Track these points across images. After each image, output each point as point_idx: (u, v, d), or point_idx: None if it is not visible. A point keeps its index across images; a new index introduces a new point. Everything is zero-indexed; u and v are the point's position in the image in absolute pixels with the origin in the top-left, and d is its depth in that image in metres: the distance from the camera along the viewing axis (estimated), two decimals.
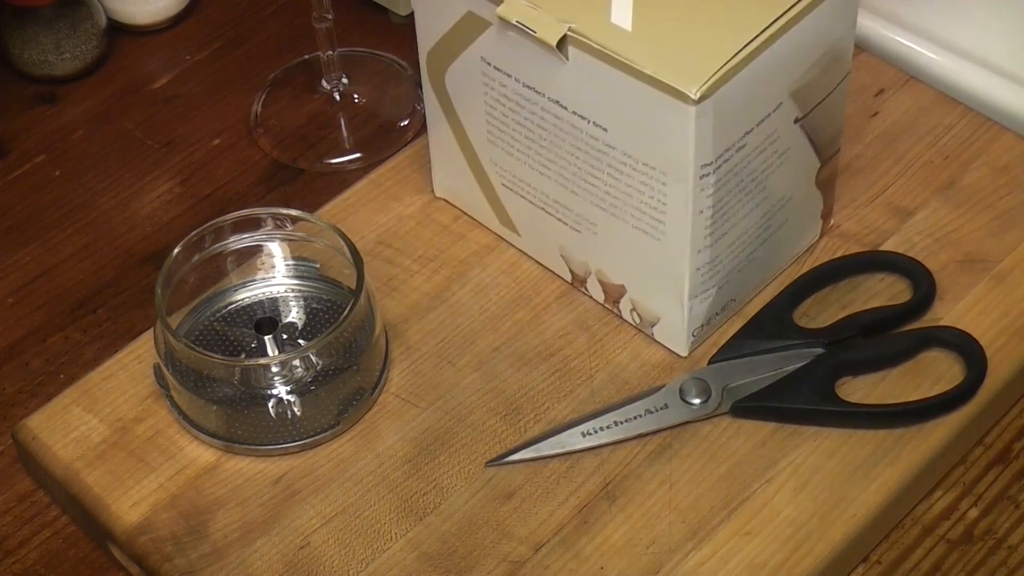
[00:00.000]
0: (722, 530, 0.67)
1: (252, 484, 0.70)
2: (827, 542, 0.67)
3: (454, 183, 0.79)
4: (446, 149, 0.78)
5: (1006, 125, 0.84)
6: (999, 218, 0.80)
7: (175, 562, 0.67)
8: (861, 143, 0.84)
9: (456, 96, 0.75)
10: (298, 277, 0.77)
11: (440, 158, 0.79)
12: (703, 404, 0.71)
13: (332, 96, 0.92)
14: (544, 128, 0.70)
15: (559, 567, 0.67)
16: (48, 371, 0.79)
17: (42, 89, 0.94)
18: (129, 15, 0.96)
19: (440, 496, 0.69)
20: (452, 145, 0.77)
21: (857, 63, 0.88)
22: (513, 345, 0.75)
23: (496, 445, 0.71)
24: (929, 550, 0.69)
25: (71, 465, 0.71)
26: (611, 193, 0.70)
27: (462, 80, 0.73)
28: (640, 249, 0.70)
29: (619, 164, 0.68)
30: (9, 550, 0.72)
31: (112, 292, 0.83)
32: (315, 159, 0.89)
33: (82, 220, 0.87)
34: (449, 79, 0.74)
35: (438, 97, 0.76)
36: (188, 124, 0.92)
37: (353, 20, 0.96)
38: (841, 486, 0.69)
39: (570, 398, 0.73)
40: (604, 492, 0.69)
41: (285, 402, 0.71)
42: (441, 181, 0.80)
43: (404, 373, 0.74)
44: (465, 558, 0.67)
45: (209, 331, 0.75)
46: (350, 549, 0.68)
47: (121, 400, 0.74)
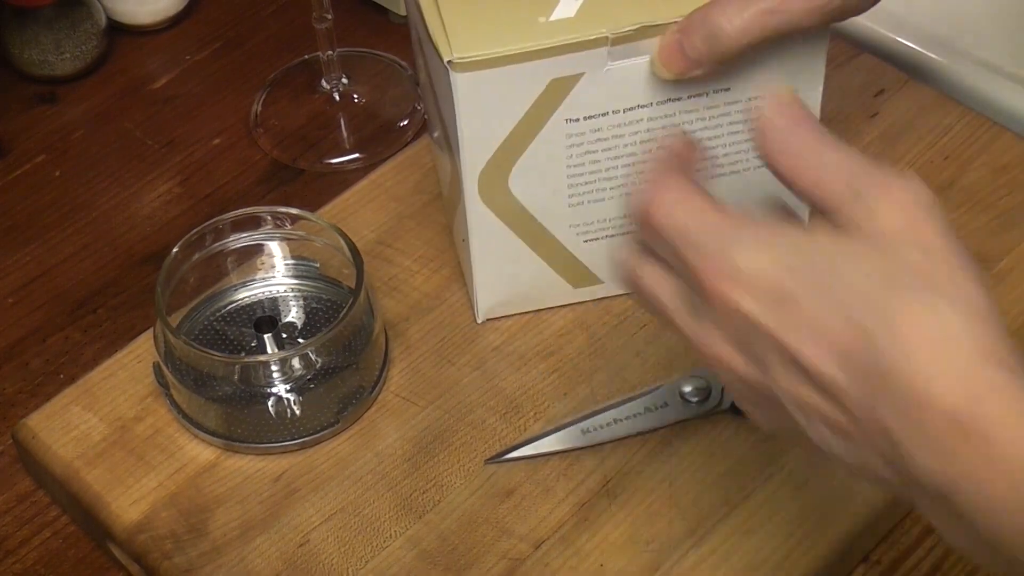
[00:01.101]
0: (722, 528, 0.67)
1: (252, 482, 0.70)
2: (826, 540, 0.67)
3: (508, 293, 0.75)
4: (498, 264, 0.74)
5: (1006, 125, 0.84)
6: (999, 218, 0.80)
7: (175, 560, 0.67)
8: (861, 143, 0.84)
9: (525, 192, 0.71)
10: (298, 276, 0.77)
11: (488, 279, 0.74)
12: (703, 402, 0.71)
13: (332, 96, 0.92)
14: (647, 141, 0.70)
15: (559, 564, 0.67)
16: (48, 371, 0.79)
17: (42, 89, 0.94)
18: (129, 15, 0.96)
19: (440, 494, 0.69)
20: (511, 251, 0.73)
21: (857, 63, 0.88)
22: (513, 344, 0.75)
23: (496, 443, 0.71)
24: (929, 550, 0.69)
25: (71, 464, 0.71)
26: (733, 150, 0.71)
27: (533, 168, 0.70)
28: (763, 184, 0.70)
29: (741, 115, 0.69)
30: (9, 550, 0.72)
31: (112, 292, 0.83)
32: (315, 159, 0.89)
33: (82, 220, 0.87)
34: (514, 181, 0.71)
35: (497, 212, 0.72)
36: (188, 124, 0.92)
37: (353, 20, 0.96)
38: (840, 484, 0.68)
39: (570, 396, 0.73)
40: (604, 490, 0.69)
41: (285, 400, 0.71)
42: (488, 302, 0.75)
43: (404, 372, 0.74)
44: (465, 555, 0.67)
45: (209, 330, 0.75)
46: (349, 547, 0.68)
47: (121, 399, 0.74)
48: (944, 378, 0.47)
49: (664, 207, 0.53)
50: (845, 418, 0.49)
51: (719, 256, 0.51)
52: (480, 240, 0.72)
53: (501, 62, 0.64)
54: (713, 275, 0.51)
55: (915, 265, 0.49)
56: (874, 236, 0.50)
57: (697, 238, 0.52)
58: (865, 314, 0.48)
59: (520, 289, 0.75)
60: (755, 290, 0.50)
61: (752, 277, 0.50)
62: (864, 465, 0.50)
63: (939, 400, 0.47)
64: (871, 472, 0.50)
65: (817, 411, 0.50)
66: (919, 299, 0.48)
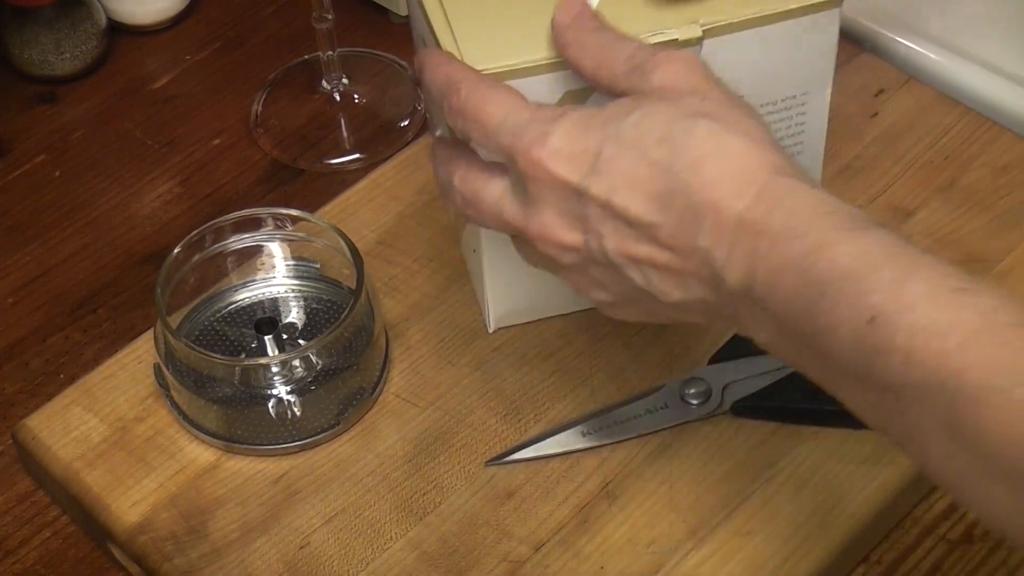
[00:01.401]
0: (722, 530, 0.67)
1: (252, 484, 0.70)
2: (827, 542, 0.67)
3: (519, 302, 0.75)
4: (510, 274, 0.73)
5: (1006, 125, 0.84)
6: (999, 218, 0.80)
7: (175, 562, 0.67)
8: (861, 143, 0.84)
9: None
10: (298, 277, 0.77)
11: (500, 289, 0.74)
12: (703, 404, 0.71)
13: (332, 96, 0.92)
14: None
15: (559, 567, 0.67)
16: (48, 371, 0.79)
17: (42, 89, 0.94)
18: (129, 15, 0.96)
19: (440, 496, 0.69)
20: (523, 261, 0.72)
21: (857, 63, 0.88)
22: (514, 345, 0.75)
23: (496, 445, 0.71)
24: (929, 550, 0.69)
25: (71, 465, 0.71)
26: None
27: None
28: None
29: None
30: (9, 550, 0.72)
31: (112, 292, 0.83)
32: (315, 159, 0.89)
33: (82, 220, 0.87)
34: None
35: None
36: (188, 124, 0.92)
37: (353, 20, 0.96)
38: (841, 486, 0.69)
39: (570, 398, 0.73)
40: (604, 492, 0.69)
41: (285, 402, 0.71)
42: (500, 311, 0.75)
43: (404, 373, 0.74)
44: (465, 557, 0.67)
45: (209, 331, 0.75)
46: (350, 549, 0.68)
47: (121, 400, 0.74)
48: (730, 185, 0.54)
49: (489, 104, 0.60)
50: (667, 254, 0.56)
51: (536, 138, 0.58)
52: (492, 250, 0.72)
53: (514, 74, 0.64)
54: (532, 153, 0.58)
55: (697, 106, 0.57)
56: (657, 92, 0.58)
57: (515, 127, 0.59)
58: (663, 152, 0.56)
59: (531, 298, 0.75)
60: (570, 160, 0.57)
61: (565, 150, 0.57)
62: (695, 299, 0.57)
63: (729, 205, 0.54)
64: (700, 304, 0.57)
65: (647, 259, 0.57)
66: (704, 128, 0.56)
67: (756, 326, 0.55)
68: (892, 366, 0.49)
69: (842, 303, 0.51)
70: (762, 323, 0.55)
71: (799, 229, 0.53)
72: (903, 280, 0.50)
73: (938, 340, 0.48)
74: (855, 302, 0.50)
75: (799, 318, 0.52)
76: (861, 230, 0.52)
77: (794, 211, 0.53)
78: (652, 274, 0.57)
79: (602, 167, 0.57)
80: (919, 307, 0.49)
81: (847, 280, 0.51)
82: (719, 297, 0.56)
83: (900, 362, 0.49)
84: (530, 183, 0.59)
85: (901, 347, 0.49)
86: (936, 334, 0.48)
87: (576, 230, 0.58)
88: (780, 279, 0.53)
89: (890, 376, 0.49)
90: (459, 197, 0.63)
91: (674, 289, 0.57)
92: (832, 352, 0.51)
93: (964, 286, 0.50)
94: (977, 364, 0.47)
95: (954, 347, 0.48)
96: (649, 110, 0.57)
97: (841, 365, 0.51)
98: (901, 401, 0.49)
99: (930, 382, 0.48)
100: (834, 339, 0.51)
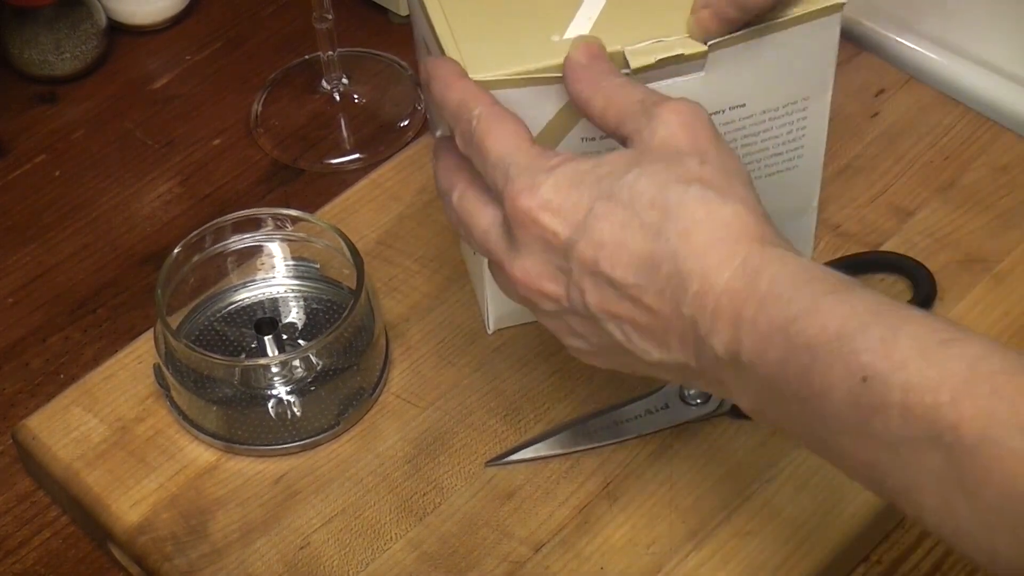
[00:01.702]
0: (722, 530, 0.67)
1: (252, 484, 0.70)
2: (827, 542, 0.67)
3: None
4: None
5: (1006, 125, 0.84)
6: (999, 218, 0.80)
7: (175, 562, 0.67)
8: (861, 143, 0.84)
9: None
10: (298, 277, 0.77)
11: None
12: (703, 404, 0.71)
13: (332, 96, 0.92)
14: None
15: (559, 567, 0.67)
16: (48, 371, 0.79)
17: (42, 89, 0.94)
18: (129, 15, 0.96)
19: (440, 496, 0.69)
20: None
21: (857, 63, 0.88)
22: (514, 345, 0.75)
23: (496, 445, 0.71)
24: (929, 550, 0.69)
25: (71, 465, 0.71)
26: (747, 161, 0.71)
27: None
28: (776, 189, 0.72)
29: (755, 127, 0.70)
30: (9, 550, 0.72)
31: (112, 292, 0.83)
32: (315, 159, 0.89)
33: (82, 220, 0.87)
34: None
35: None
36: (188, 124, 0.92)
37: (353, 20, 0.96)
38: (841, 486, 0.69)
39: (570, 398, 0.73)
40: (604, 492, 0.69)
41: (285, 402, 0.71)
42: (500, 311, 0.75)
43: (404, 373, 0.74)
44: (465, 558, 0.67)
45: (209, 331, 0.75)
46: (350, 549, 0.68)
47: (121, 400, 0.74)
48: (717, 254, 0.55)
49: (491, 137, 0.60)
50: (648, 317, 0.56)
51: (528, 187, 0.58)
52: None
53: (516, 83, 0.64)
54: (521, 201, 0.58)
55: (694, 171, 0.57)
56: (658, 148, 0.58)
57: (510, 169, 0.59)
58: (654, 216, 0.56)
59: None
60: (559, 213, 0.57)
61: (555, 203, 0.57)
62: (676, 362, 0.57)
63: (715, 274, 0.54)
64: (680, 367, 0.57)
65: (628, 318, 0.57)
66: (697, 196, 0.56)
67: (741, 391, 0.55)
68: (890, 423, 0.49)
69: (835, 366, 0.51)
70: (748, 388, 0.55)
71: (784, 296, 0.53)
72: (891, 338, 0.50)
73: (931, 395, 0.48)
74: (847, 362, 0.50)
75: (790, 382, 0.53)
76: (845, 292, 0.53)
77: (778, 278, 0.54)
78: (632, 333, 0.57)
79: (591, 224, 0.57)
80: (910, 364, 0.49)
81: (837, 342, 0.51)
82: (702, 362, 0.56)
83: (897, 418, 0.49)
84: (517, 229, 0.59)
85: (897, 403, 0.49)
86: (929, 389, 0.49)
87: (558, 282, 0.58)
88: (768, 344, 0.53)
89: (888, 433, 0.50)
90: (453, 214, 0.63)
91: (655, 349, 0.57)
92: (827, 413, 0.52)
93: (950, 336, 0.50)
94: (971, 416, 0.48)
95: (947, 401, 0.48)
96: (646, 170, 0.57)
97: (836, 425, 0.52)
98: (899, 457, 0.50)
99: (927, 436, 0.48)
100: (829, 401, 0.51)
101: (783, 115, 0.70)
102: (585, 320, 0.58)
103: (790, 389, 0.53)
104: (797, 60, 0.68)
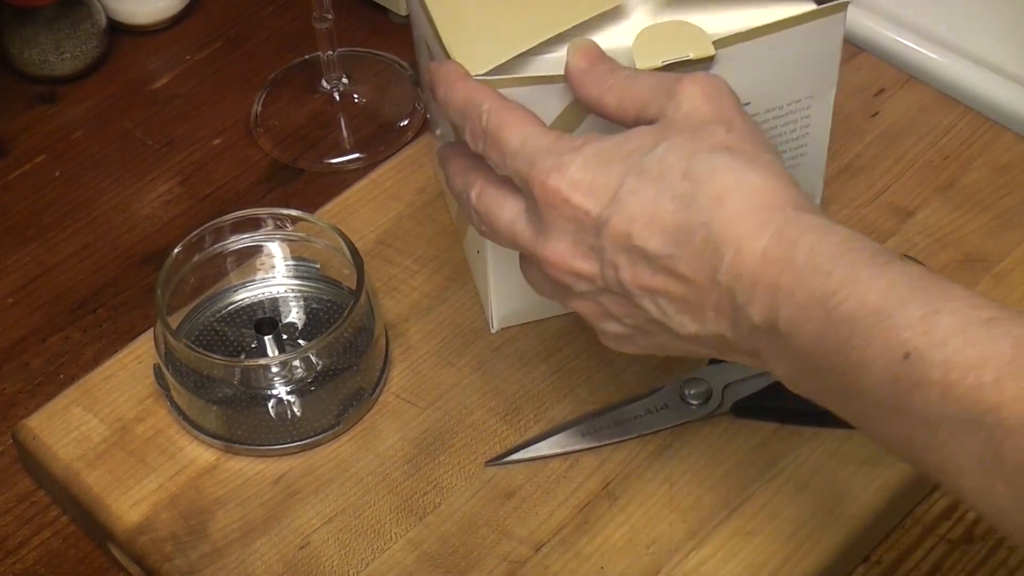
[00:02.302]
0: (722, 530, 0.67)
1: (252, 484, 0.70)
2: (827, 542, 0.67)
3: (523, 302, 0.74)
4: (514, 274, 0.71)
5: (1006, 125, 0.84)
6: (999, 218, 0.80)
7: (175, 562, 0.67)
8: (861, 143, 0.84)
9: None
10: (298, 277, 0.77)
11: (504, 289, 0.74)
12: (703, 404, 0.71)
13: (332, 96, 0.92)
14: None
15: (559, 567, 0.67)
16: (48, 371, 0.79)
17: (42, 89, 0.94)
18: (129, 15, 0.96)
19: (440, 496, 0.69)
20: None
21: (857, 63, 0.88)
22: (514, 345, 0.75)
23: (496, 445, 0.71)
24: (929, 550, 0.69)
25: (71, 465, 0.71)
26: None
27: None
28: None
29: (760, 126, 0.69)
30: (9, 550, 0.72)
31: (112, 292, 0.83)
32: (315, 159, 0.89)
33: (82, 220, 0.87)
34: None
35: None
36: (188, 124, 0.92)
37: (353, 20, 0.96)
38: (841, 486, 0.69)
39: (570, 398, 0.73)
40: (604, 492, 0.69)
41: (285, 402, 0.71)
42: (504, 311, 0.75)
43: (404, 373, 0.74)
44: (465, 558, 0.67)
45: (209, 331, 0.75)
46: (350, 549, 0.68)
47: (121, 400, 0.74)
48: (752, 221, 0.54)
49: (507, 128, 0.60)
50: (684, 288, 0.56)
51: (555, 167, 0.58)
52: (496, 251, 0.71)
53: (521, 81, 0.64)
54: (551, 182, 0.58)
55: (721, 138, 0.57)
56: (684, 120, 0.58)
57: (533, 154, 0.59)
58: (685, 187, 0.56)
59: (535, 298, 0.74)
60: (590, 191, 0.57)
61: (586, 181, 0.57)
62: (712, 334, 0.57)
63: (751, 241, 0.54)
64: (717, 339, 0.57)
65: (663, 290, 0.57)
66: (726, 163, 0.56)
67: (777, 361, 0.55)
68: (929, 400, 0.49)
69: (874, 341, 0.50)
70: (785, 358, 0.55)
71: (824, 267, 0.53)
72: (933, 315, 0.50)
73: (973, 374, 0.48)
74: (886, 338, 0.50)
75: (828, 355, 0.52)
76: (885, 265, 0.52)
77: (817, 248, 0.53)
78: (668, 306, 0.57)
79: (622, 200, 0.57)
80: (951, 342, 0.49)
81: (877, 317, 0.51)
82: (738, 333, 0.56)
83: (937, 396, 0.49)
84: (546, 211, 0.58)
85: (937, 382, 0.49)
86: (971, 368, 0.48)
87: (591, 260, 0.58)
88: (806, 315, 0.53)
89: (927, 410, 0.49)
90: (474, 213, 0.63)
91: (690, 322, 0.57)
92: (865, 387, 0.51)
93: (994, 315, 0.49)
94: (1014, 397, 0.47)
95: (990, 381, 0.48)
96: (673, 142, 0.57)
97: (873, 400, 0.51)
98: (937, 435, 0.49)
99: (968, 416, 0.48)
100: (867, 375, 0.51)
101: (787, 113, 0.71)
102: (620, 299, 0.58)
103: (827, 361, 0.52)
104: (802, 59, 0.68)
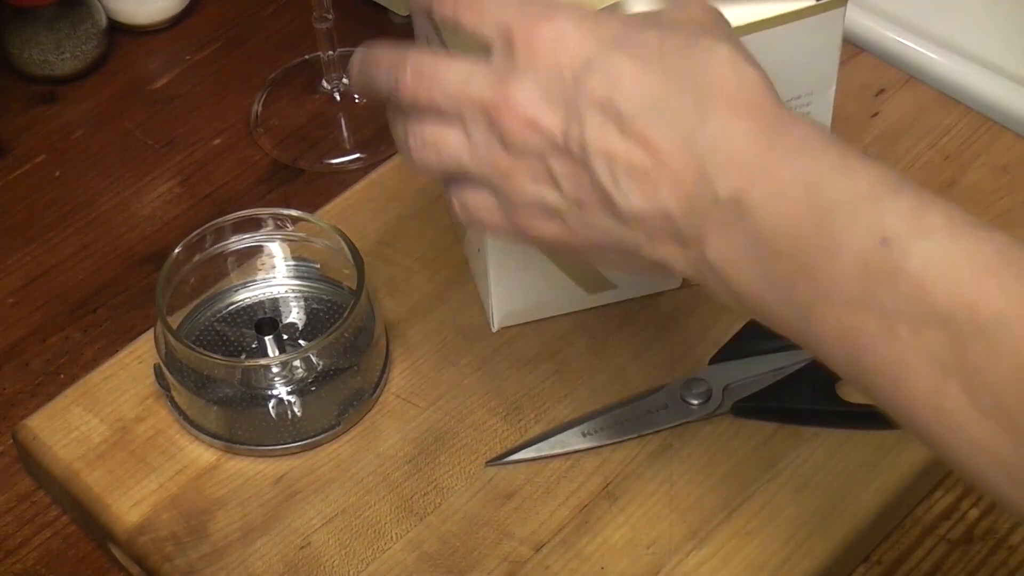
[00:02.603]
0: (723, 530, 0.67)
1: (252, 484, 0.70)
2: (827, 542, 0.67)
3: (524, 302, 0.75)
4: (515, 274, 0.73)
5: (1006, 125, 0.84)
6: (999, 218, 0.80)
7: (175, 562, 0.67)
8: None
9: None
10: (298, 277, 0.77)
11: (505, 289, 0.74)
12: (703, 404, 0.71)
13: (332, 96, 0.92)
14: None
15: (560, 567, 0.67)
16: (48, 371, 0.79)
17: (42, 89, 0.94)
18: (129, 15, 0.96)
19: (441, 496, 0.69)
20: (528, 260, 0.73)
21: (857, 63, 0.88)
22: (514, 345, 0.75)
23: (496, 445, 0.71)
24: (929, 550, 0.69)
25: (71, 465, 0.71)
26: None
27: None
28: None
29: None
30: (9, 550, 0.72)
31: (112, 292, 0.83)
32: (315, 159, 0.89)
33: (82, 220, 0.87)
34: None
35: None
36: (188, 124, 0.92)
37: (353, 20, 0.96)
38: (841, 486, 0.69)
39: (571, 398, 0.73)
40: (605, 492, 0.69)
41: (285, 402, 0.71)
42: (504, 311, 0.75)
43: (404, 373, 0.74)
44: (466, 558, 0.67)
45: (209, 331, 0.75)
46: (350, 549, 0.68)
47: (121, 400, 0.74)
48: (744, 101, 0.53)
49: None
50: (645, 155, 0.53)
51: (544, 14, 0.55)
52: (497, 250, 0.72)
53: None
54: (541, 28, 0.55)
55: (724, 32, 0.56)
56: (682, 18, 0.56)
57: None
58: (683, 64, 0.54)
59: (536, 297, 0.74)
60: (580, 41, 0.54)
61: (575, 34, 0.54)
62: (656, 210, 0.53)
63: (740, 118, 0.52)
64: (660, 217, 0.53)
65: (622, 157, 0.53)
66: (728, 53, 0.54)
67: (721, 242, 0.53)
68: (896, 293, 0.48)
69: (857, 222, 0.49)
70: (734, 238, 0.52)
71: (815, 151, 0.51)
72: (922, 209, 0.49)
73: (953, 270, 0.47)
74: (869, 221, 0.49)
75: (793, 236, 0.50)
76: (877, 162, 0.51)
77: (810, 135, 0.52)
78: (621, 174, 0.54)
79: (611, 56, 0.54)
80: (936, 236, 0.48)
81: (865, 200, 0.49)
82: (690, 206, 0.53)
83: (907, 288, 0.48)
84: (524, 57, 0.55)
85: (913, 273, 0.47)
86: (952, 264, 0.47)
87: (557, 111, 0.55)
88: (783, 192, 0.51)
89: (891, 303, 0.48)
90: (410, 90, 0.58)
91: (639, 195, 0.54)
92: (822, 274, 0.50)
93: (981, 224, 0.48)
94: (992, 298, 0.46)
95: (969, 278, 0.47)
96: (672, 28, 0.55)
97: (828, 289, 0.49)
98: (894, 330, 0.48)
99: (936, 312, 0.47)
100: (834, 260, 0.49)
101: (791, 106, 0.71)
102: (569, 161, 0.55)
103: (789, 243, 0.50)
104: (801, 55, 0.68)
